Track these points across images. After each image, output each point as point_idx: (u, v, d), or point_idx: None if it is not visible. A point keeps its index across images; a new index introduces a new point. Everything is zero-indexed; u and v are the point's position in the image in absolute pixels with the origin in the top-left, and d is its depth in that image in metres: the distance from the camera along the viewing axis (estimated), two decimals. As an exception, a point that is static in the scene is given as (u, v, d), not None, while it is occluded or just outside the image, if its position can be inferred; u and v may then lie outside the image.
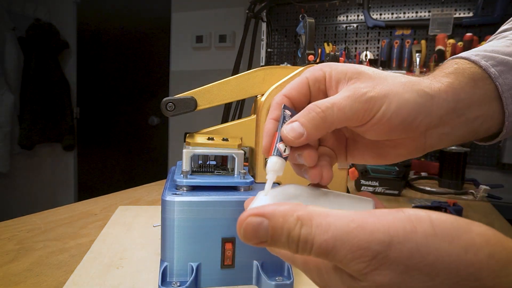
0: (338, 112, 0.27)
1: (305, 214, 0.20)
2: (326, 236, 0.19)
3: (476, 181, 1.20)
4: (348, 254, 0.18)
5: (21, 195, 2.63)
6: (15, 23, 2.41)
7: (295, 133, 0.27)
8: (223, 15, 2.37)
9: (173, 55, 2.54)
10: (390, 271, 0.18)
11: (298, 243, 0.19)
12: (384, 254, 0.18)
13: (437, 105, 0.27)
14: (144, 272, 0.47)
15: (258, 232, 0.20)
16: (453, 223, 0.18)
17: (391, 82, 0.27)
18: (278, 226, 0.20)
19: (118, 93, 2.74)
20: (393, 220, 0.18)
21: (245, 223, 0.20)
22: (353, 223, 0.18)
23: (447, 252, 0.17)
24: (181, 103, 0.51)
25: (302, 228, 0.19)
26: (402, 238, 0.18)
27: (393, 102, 0.27)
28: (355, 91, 0.27)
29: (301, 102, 0.30)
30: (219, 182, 0.44)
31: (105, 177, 2.83)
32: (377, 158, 0.32)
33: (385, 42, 1.70)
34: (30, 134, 2.51)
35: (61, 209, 0.73)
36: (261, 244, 0.21)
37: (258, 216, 0.20)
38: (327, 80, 0.29)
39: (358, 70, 0.28)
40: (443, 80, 0.28)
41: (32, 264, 0.48)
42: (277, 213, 0.20)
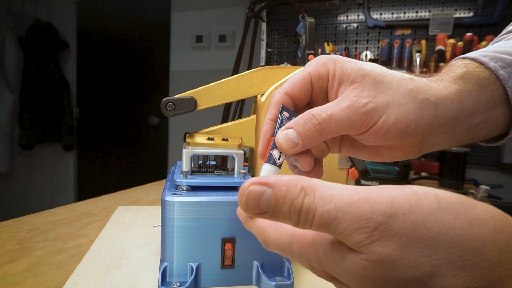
0: (335, 124, 0.26)
1: (308, 185, 0.19)
2: (329, 207, 0.18)
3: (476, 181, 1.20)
4: (349, 225, 0.18)
5: (21, 195, 2.63)
6: (15, 23, 2.41)
7: (289, 142, 0.26)
8: (223, 15, 2.37)
9: (173, 55, 2.54)
10: (392, 242, 0.17)
11: (300, 213, 0.19)
12: (386, 225, 0.17)
13: (440, 115, 0.27)
14: (144, 272, 0.47)
15: (260, 201, 0.19)
16: (458, 199, 0.18)
17: (395, 89, 0.27)
18: (281, 195, 0.19)
19: (118, 93, 2.74)
20: (398, 193, 0.18)
21: (248, 191, 0.20)
22: (356, 195, 0.18)
23: (451, 226, 0.17)
24: (181, 103, 0.51)
25: (305, 198, 0.19)
26: (407, 210, 0.17)
27: (393, 114, 0.26)
28: (355, 101, 0.26)
29: (302, 99, 0.30)
30: (219, 182, 0.44)
31: (105, 177, 2.83)
32: (371, 156, 0.32)
33: (385, 42, 1.70)
34: (30, 134, 2.51)
35: (61, 209, 0.73)
36: (262, 215, 0.20)
37: (261, 184, 0.20)
38: (330, 78, 0.29)
39: (363, 71, 0.27)
40: (451, 87, 0.28)
41: (32, 264, 0.48)
42: (281, 183, 0.19)
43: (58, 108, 2.67)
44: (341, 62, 0.28)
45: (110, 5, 2.71)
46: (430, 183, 1.17)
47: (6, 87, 2.37)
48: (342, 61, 0.28)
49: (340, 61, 0.28)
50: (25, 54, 2.49)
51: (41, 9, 2.65)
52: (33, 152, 2.64)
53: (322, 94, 0.30)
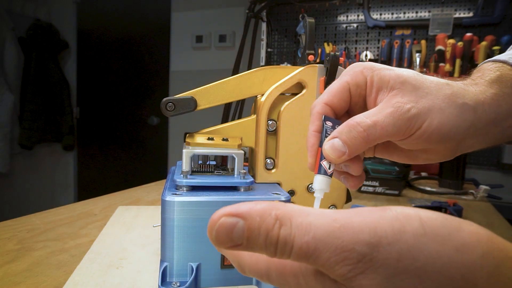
0: (380, 131, 0.26)
1: (284, 213, 0.18)
2: (307, 237, 0.17)
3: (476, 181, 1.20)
4: (331, 256, 0.17)
5: (21, 195, 2.63)
6: (15, 23, 2.41)
7: (337, 152, 0.27)
8: (223, 15, 2.37)
9: (173, 55, 2.54)
10: (377, 274, 0.16)
11: (277, 245, 0.18)
12: (370, 256, 0.16)
13: (478, 119, 0.27)
14: (144, 272, 0.47)
15: (233, 233, 0.18)
16: (443, 222, 0.17)
17: (435, 94, 0.27)
18: (255, 227, 0.18)
19: (118, 93, 2.74)
20: (380, 219, 0.17)
21: (218, 224, 0.18)
22: (336, 223, 0.17)
23: (438, 253, 0.16)
24: (181, 103, 0.51)
25: (281, 228, 0.18)
26: (391, 239, 0.16)
27: (435, 119, 0.26)
28: (398, 107, 0.26)
29: (342, 108, 0.30)
30: (219, 182, 0.44)
31: (105, 177, 2.83)
32: (405, 159, 0.32)
33: (385, 42, 1.70)
34: (30, 134, 2.51)
35: (61, 209, 0.73)
36: (235, 248, 0.18)
37: (233, 216, 0.18)
38: (368, 86, 0.29)
39: (401, 78, 0.27)
40: (488, 91, 0.28)
41: (32, 264, 0.48)
42: (254, 212, 0.18)
43: (58, 108, 2.68)
44: (378, 69, 0.29)
45: (110, 5, 2.71)
46: (430, 183, 1.17)
47: (6, 87, 2.37)
48: (379, 69, 0.29)
49: (376, 68, 0.29)
50: (25, 54, 2.49)
51: (41, 9, 2.65)
52: (33, 152, 2.64)
53: (360, 102, 0.30)
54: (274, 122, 0.52)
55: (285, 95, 0.53)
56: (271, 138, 0.53)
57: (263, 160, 0.52)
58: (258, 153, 0.52)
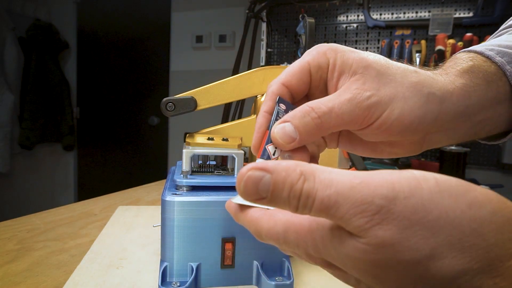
0: (336, 118, 0.25)
1: (308, 169, 0.19)
2: (329, 191, 0.18)
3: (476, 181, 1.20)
4: (350, 209, 0.17)
5: (21, 195, 2.63)
6: (15, 23, 2.41)
7: (286, 137, 0.25)
8: (223, 15, 2.37)
9: (173, 55, 2.54)
10: (393, 225, 0.17)
11: (300, 198, 0.18)
12: (387, 208, 0.17)
13: (445, 111, 0.26)
14: (144, 272, 0.47)
15: (259, 186, 0.19)
16: (456, 182, 0.18)
17: (400, 82, 0.25)
18: (280, 180, 0.19)
19: (118, 93, 2.74)
20: (399, 177, 0.18)
21: (246, 176, 0.19)
22: (356, 179, 0.18)
23: (451, 208, 0.17)
24: (181, 103, 0.51)
25: (304, 182, 0.18)
26: (408, 193, 0.17)
27: (397, 108, 0.25)
28: (357, 94, 0.25)
29: (300, 90, 0.28)
30: (219, 182, 0.44)
31: (105, 177, 2.83)
32: (370, 152, 0.30)
33: (385, 42, 1.70)
34: (30, 134, 2.51)
35: (61, 209, 0.73)
36: (261, 201, 0.19)
37: (260, 170, 0.19)
38: (329, 68, 0.27)
39: (365, 62, 0.26)
40: (457, 81, 0.26)
41: (32, 264, 0.48)
42: (280, 168, 0.19)
43: (58, 108, 2.68)
44: (342, 51, 0.27)
45: (110, 5, 2.71)
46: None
47: (6, 87, 2.37)
48: (343, 51, 0.27)
49: (341, 50, 0.27)
50: (25, 54, 2.49)
51: (41, 9, 2.65)
52: (33, 152, 2.64)
53: (321, 85, 0.28)
54: (274, 122, 0.52)
55: (285, 95, 0.53)
56: (271, 138, 0.53)
57: (262, 159, 0.52)
58: (258, 153, 0.52)
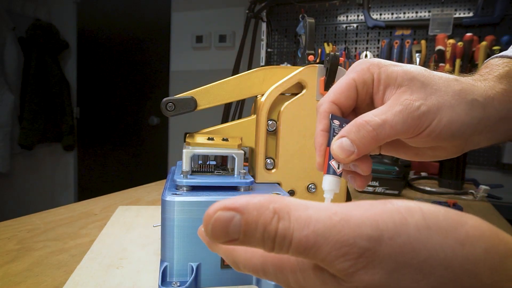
0: (389, 129, 0.26)
1: (282, 206, 0.17)
2: (307, 231, 0.17)
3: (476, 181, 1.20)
4: (331, 251, 0.16)
5: (21, 195, 2.63)
6: (15, 23, 2.41)
7: (345, 152, 0.26)
8: (223, 15, 2.37)
9: (173, 55, 2.54)
10: (379, 269, 0.16)
11: (275, 239, 0.17)
12: (372, 250, 0.16)
13: (487, 116, 0.27)
14: (144, 272, 0.47)
15: (229, 228, 0.17)
16: (445, 215, 0.17)
17: (444, 91, 0.26)
18: (252, 221, 0.17)
19: (118, 93, 2.74)
20: (381, 212, 0.17)
21: (214, 219, 0.17)
22: (336, 216, 0.17)
23: (441, 247, 0.16)
24: (181, 103, 0.51)
25: (279, 222, 0.17)
26: (393, 232, 0.16)
27: (445, 117, 0.26)
28: (407, 105, 0.26)
29: (348, 106, 0.29)
30: (219, 182, 0.44)
31: (105, 177, 2.83)
32: (412, 156, 0.31)
33: (385, 42, 1.70)
34: (30, 134, 2.51)
35: (61, 209, 0.73)
36: (232, 243, 0.18)
37: (229, 210, 0.17)
38: (375, 83, 0.28)
39: (409, 75, 0.27)
40: (497, 87, 0.28)
41: (32, 264, 0.48)
42: (251, 206, 0.17)
43: (59, 108, 2.68)
44: (385, 66, 0.28)
45: (110, 5, 2.71)
46: (430, 183, 1.17)
47: (6, 87, 2.37)
48: (385, 65, 0.28)
49: (383, 65, 0.28)
50: (25, 54, 2.49)
51: (41, 9, 2.65)
52: (33, 152, 2.64)
53: (367, 100, 0.29)
54: (274, 122, 0.52)
55: (285, 95, 0.53)
56: (271, 138, 0.53)
57: (263, 160, 0.52)
58: (258, 153, 0.52)
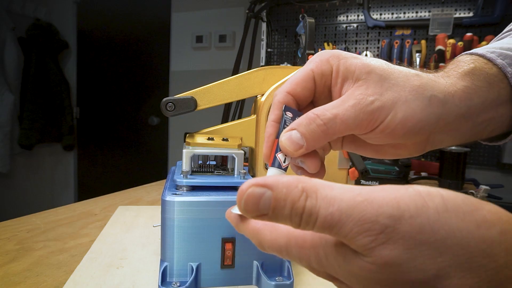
0: (341, 124, 0.25)
1: (310, 186, 0.19)
2: (332, 209, 0.18)
3: (476, 181, 1.20)
4: (354, 227, 0.17)
5: (21, 195, 2.63)
6: (15, 23, 2.41)
7: (294, 145, 0.26)
8: (223, 15, 2.37)
9: (173, 55, 2.54)
10: (398, 245, 0.17)
11: (302, 216, 0.18)
12: (392, 228, 0.17)
13: (447, 112, 0.26)
14: (144, 272, 0.47)
15: (260, 203, 0.19)
16: (464, 200, 0.18)
17: (402, 86, 0.26)
18: (282, 197, 0.18)
19: (118, 93, 2.74)
20: (403, 195, 0.18)
21: (246, 194, 0.19)
22: (359, 197, 0.18)
23: (458, 228, 0.17)
24: (181, 103, 0.51)
25: (307, 199, 0.18)
26: (413, 213, 0.17)
27: (400, 112, 0.25)
28: (360, 99, 0.25)
29: (305, 98, 0.29)
30: (219, 182, 0.44)
31: (105, 177, 2.83)
32: (374, 154, 0.31)
33: (385, 42, 1.70)
34: (30, 134, 2.51)
35: (61, 209, 0.73)
36: (262, 217, 0.19)
37: (261, 186, 0.19)
38: (333, 75, 0.28)
39: (368, 68, 0.26)
40: (459, 84, 0.27)
41: (32, 264, 0.48)
42: (281, 184, 0.19)
43: (58, 108, 2.67)
44: (344, 58, 0.27)
45: (110, 5, 2.71)
46: (430, 183, 1.17)
47: (6, 87, 2.37)
48: (345, 57, 0.27)
49: (343, 57, 0.27)
50: (25, 54, 2.49)
51: (41, 9, 2.65)
52: (33, 152, 2.64)
53: (326, 92, 0.29)
54: (274, 122, 0.52)
55: (285, 95, 0.53)
56: (271, 138, 0.53)
57: (263, 160, 0.52)
58: (258, 153, 0.52)
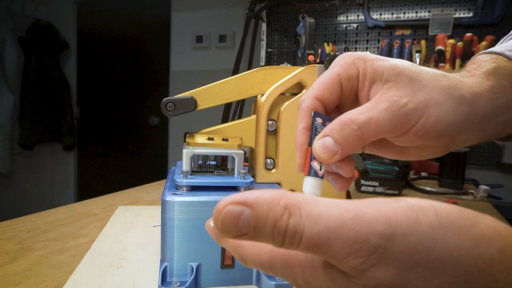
0: (375, 127, 0.24)
1: (293, 202, 0.17)
2: (318, 228, 0.16)
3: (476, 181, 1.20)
4: (343, 248, 0.16)
5: (21, 195, 2.63)
6: (15, 23, 2.41)
7: (328, 152, 0.25)
8: (223, 15, 2.37)
9: (173, 55, 2.54)
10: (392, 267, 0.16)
11: (285, 235, 0.17)
12: (384, 248, 0.16)
13: (474, 112, 0.26)
14: (144, 272, 0.47)
15: (239, 222, 0.17)
16: (459, 214, 0.16)
17: (432, 87, 0.25)
18: (262, 216, 0.17)
19: (118, 93, 2.74)
20: (394, 209, 0.16)
21: (224, 213, 0.17)
22: (347, 213, 0.16)
23: (455, 246, 0.15)
24: (181, 103, 0.51)
25: (290, 217, 0.17)
26: (406, 230, 0.16)
27: (433, 115, 0.25)
28: (394, 101, 0.24)
29: (332, 102, 0.28)
30: (219, 182, 0.44)
31: (105, 177, 2.83)
32: (397, 156, 0.30)
33: (385, 42, 1.70)
34: (30, 134, 2.51)
35: (61, 209, 0.73)
36: (241, 237, 0.18)
37: (239, 204, 0.17)
38: (360, 78, 0.27)
39: (396, 69, 0.25)
40: (485, 83, 0.27)
41: (32, 264, 0.48)
42: (261, 201, 0.17)
43: (59, 108, 2.67)
44: (370, 60, 0.27)
45: (110, 5, 2.71)
46: (430, 183, 1.17)
47: (6, 87, 2.37)
48: (371, 59, 0.27)
49: (369, 59, 0.27)
50: (25, 54, 2.49)
51: (41, 9, 2.65)
52: (33, 152, 2.64)
53: (352, 96, 0.28)
54: (274, 122, 0.52)
55: (285, 95, 0.53)
56: (271, 138, 0.53)
57: (263, 160, 0.52)
58: (258, 153, 0.52)
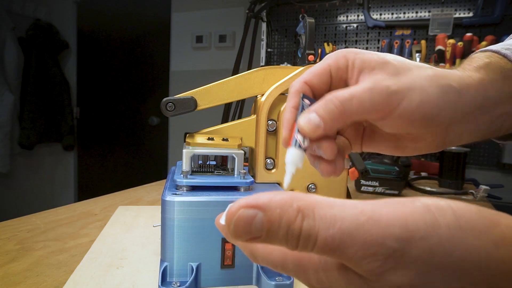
0: (357, 104, 0.25)
1: (306, 204, 0.17)
2: (332, 230, 0.16)
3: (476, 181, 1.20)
4: (358, 251, 0.16)
5: (21, 195, 2.63)
6: (15, 23, 2.41)
7: (312, 125, 0.25)
8: (223, 15, 2.37)
9: (173, 55, 2.54)
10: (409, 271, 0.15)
11: (299, 238, 0.16)
12: (402, 251, 0.15)
13: (463, 102, 0.26)
14: (144, 272, 0.47)
15: (251, 226, 0.17)
16: (478, 214, 0.16)
17: (417, 74, 0.26)
18: (275, 219, 0.17)
19: (118, 93, 2.74)
20: (411, 211, 0.16)
21: (236, 217, 0.17)
22: (363, 215, 0.16)
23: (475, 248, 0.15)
24: (181, 103, 0.51)
25: (303, 220, 0.16)
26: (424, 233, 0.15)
27: (416, 96, 0.25)
28: (377, 83, 0.25)
29: (321, 90, 0.29)
30: (219, 182, 0.44)
31: (105, 177, 2.83)
32: (393, 150, 0.31)
33: (385, 42, 1.70)
34: (30, 134, 2.51)
35: (61, 209, 0.73)
36: (254, 240, 0.17)
37: (251, 207, 0.17)
38: (349, 69, 0.28)
39: (383, 59, 0.27)
40: (474, 75, 0.27)
41: (32, 264, 0.48)
42: (274, 204, 0.17)
43: (59, 108, 2.68)
44: (361, 53, 0.28)
45: (110, 5, 2.71)
46: (430, 183, 1.17)
47: (6, 87, 2.37)
48: (362, 52, 0.28)
49: (359, 52, 0.28)
50: (25, 54, 2.49)
51: (41, 9, 2.65)
52: (33, 152, 2.64)
53: (342, 85, 0.29)
54: (274, 122, 0.53)
55: (285, 95, 0.53)
56: (271, 138, 0.53)
57: (263, 160, 0.52)
58: (258, 153, 0.52)
